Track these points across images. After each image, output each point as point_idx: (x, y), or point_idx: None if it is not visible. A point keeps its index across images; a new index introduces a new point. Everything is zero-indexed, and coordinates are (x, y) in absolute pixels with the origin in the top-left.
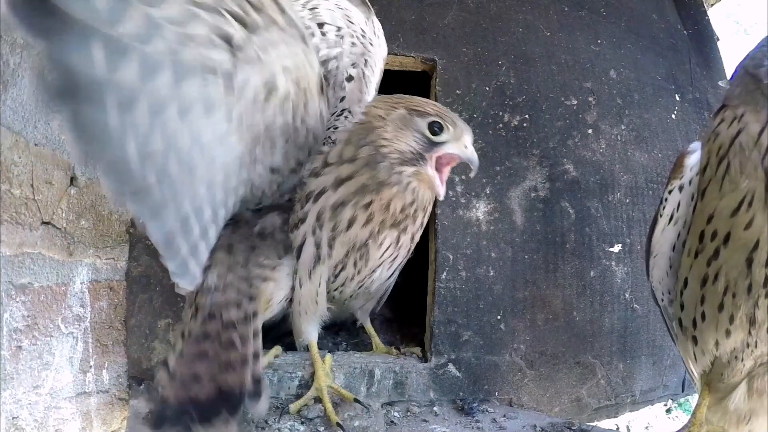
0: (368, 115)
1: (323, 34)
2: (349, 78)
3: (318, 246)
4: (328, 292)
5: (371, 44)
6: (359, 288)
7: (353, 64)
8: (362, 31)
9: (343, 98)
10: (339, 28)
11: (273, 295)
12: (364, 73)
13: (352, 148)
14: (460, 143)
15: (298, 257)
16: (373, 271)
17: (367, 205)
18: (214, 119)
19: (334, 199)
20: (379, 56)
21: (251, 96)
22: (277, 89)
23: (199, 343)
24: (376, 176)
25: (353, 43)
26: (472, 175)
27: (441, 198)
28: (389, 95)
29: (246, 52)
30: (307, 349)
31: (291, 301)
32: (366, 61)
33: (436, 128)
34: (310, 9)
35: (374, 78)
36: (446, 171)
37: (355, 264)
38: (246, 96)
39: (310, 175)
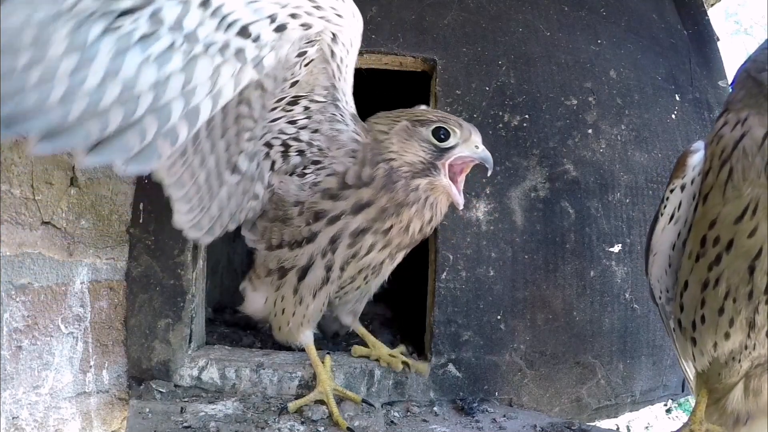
0: (371, 131)
1: (213, 12)
2: (304, 58)
3: (329, 269)
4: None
5: (338, 14)
6: (360, 292)
7: (309, 42)
8: None
9: (295, 83)
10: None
11: None
12: (333, 53)
13: (368, 168)
14: (470, 144)
15: (301, 277)
16: (378, 278)
17: (387, 231)
18: None
19: (355, 226)
20: (354, 29)
21: None
22: None
23: None
24: (394, 198)
25: (295, 15)
26: (488, 174)
27: (461, 207)
28: (390, 111)
29: None
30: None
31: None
32: (334, 36)
33: (442, 134)
34: None
35: (350, 59)
36: (461, 180)
37: (365, 278)
38: None
39: (323, 195)
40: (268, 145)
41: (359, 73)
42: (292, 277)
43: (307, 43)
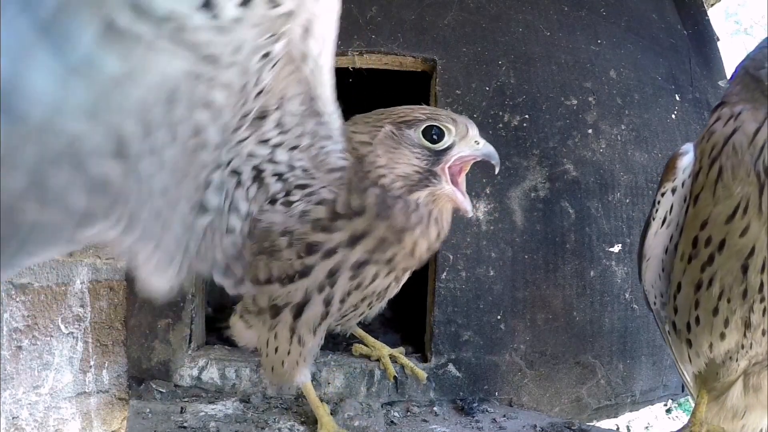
0: (351, 143)
1: None
2: (269, 60)
3: (328, 304)
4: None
5: None
6: (362, 317)
7: (271, 36)
8: None
9: (260, 93)
10: None
11: None
12: (304, 54)
13: (356, 196)
14: (469, 140)
15: (297, 315)
16: (381, 301)
17: (390, 260)
18: None
19: (354, 259)
20: (329, 12)
21: None
22: None
23: None
24: (393, 225)
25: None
26: (497, 170)
27: (469, 214)
28: (367, 114)
29: None
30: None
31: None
32: (306, 30)
33: (434, 134)
34: None
35: (326, 57)
36: (462, 181)
37: (369, 304)
38: None
39: (314, 226)
40: (236, 173)
41: (359, 73)
42: (286, 316)
43: (270, 38)
